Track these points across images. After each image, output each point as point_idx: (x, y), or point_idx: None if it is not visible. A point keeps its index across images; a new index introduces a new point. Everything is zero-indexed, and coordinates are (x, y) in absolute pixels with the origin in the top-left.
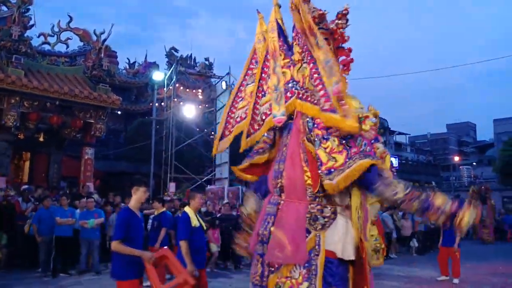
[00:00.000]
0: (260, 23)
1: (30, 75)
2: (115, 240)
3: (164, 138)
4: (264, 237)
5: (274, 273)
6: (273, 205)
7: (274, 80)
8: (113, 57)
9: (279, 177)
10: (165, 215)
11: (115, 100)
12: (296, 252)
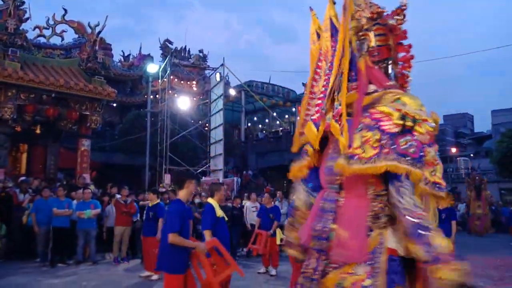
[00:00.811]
0: (313, 21)
1: (26, 67)
2: (173, 233)
3: (159, 130)
4: (324, 233)
5: (337, 270)
6: (329, 201)
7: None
8: (108, 49)
9: (337, 174)
10: (160, 206)
11: (110, 92)
12: (359, 251)
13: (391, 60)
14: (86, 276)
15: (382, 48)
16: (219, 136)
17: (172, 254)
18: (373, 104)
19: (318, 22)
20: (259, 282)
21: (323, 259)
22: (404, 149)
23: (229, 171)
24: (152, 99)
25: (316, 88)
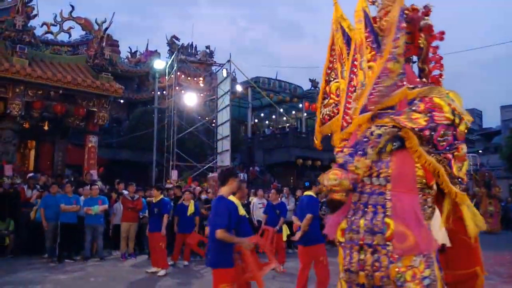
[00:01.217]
0: (335, 9)
1: (34, 64)
2: (221, 229)
3: (166, 126)
4: (375, 227)
5: (395, 263)
6: (369, 194)
7: (361, 76)
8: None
9: (381, 167)
10: (164, 202)
11: (117, 88)
12: (421, 242)
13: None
14: (94, 272)
15: (410, 46)
16: (226, 132)
17: (220, 249)
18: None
19: (340, 11)
20: (266, 278)
21: (371, 251)
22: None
23: (235, 167)
24: (159, 96)
25: (354, 81)
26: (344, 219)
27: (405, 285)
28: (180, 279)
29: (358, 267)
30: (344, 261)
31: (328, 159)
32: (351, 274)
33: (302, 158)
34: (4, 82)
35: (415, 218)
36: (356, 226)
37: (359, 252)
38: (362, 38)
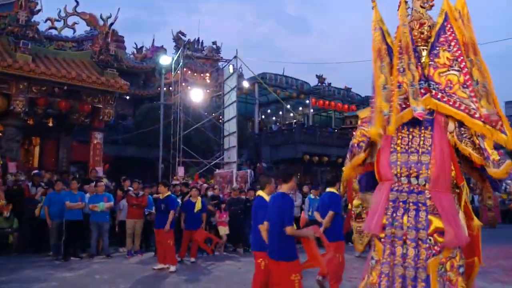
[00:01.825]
0: (375, 12)
1: (37, 60)
2: (290, 226)
3: (172, 123)
4: (419, 223)
5: (436, 256)
6: (408, 193)
7: (410, 76)
8: (120, 41)
9: (421, 168)
10: (171, 198)
11: (123, 85)
12: (460, 236)
13: None
14: (100, 269)
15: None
16: (233, 128)
17: (290, 243)
18: None
19: (379, 15)
20: None
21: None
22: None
23: (242, 163)
24: (165, 92)
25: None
26: (383, 216)
27: (446, 274)
28: (187, 276)
29: (401, 260)
30: (384, 254)
31: (336, 155)
32: (393, 267)
33: (309, 154)
34: (7, 78)
35: (453, 216)
36: (399, 223)
37: (402, 247)
38: (408, 42)
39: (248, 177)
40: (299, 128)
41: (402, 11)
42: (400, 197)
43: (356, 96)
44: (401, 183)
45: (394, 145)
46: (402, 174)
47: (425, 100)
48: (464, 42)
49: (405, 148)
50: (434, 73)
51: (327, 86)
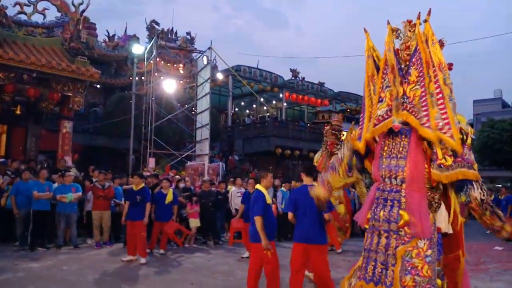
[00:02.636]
0: (367, 40)
1: (5, 45)
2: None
3: (144, 113)
4: (391, 217)
5: (405, 244)
6: (389, 192)
7: (394, 91)
8: (92, 29)
9: (398, 171)
10: (147, 190)
11: (93, 73)
12: (426, 229)
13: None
14: (67, 260)
15: None
16: (206, 120)
17: (324, 229)
18: None
19: (371, 42)
20: (242, 267)
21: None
22: (467, 159)
23: (214, 156)
24: (137, 81)
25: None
26: (369, 212)
27: (411, 260)
28: (157, 268)
29: (375, 247)
30: (365, 243)
31: (307, 149)
32: (370, 252)
33: (281, 148)
34: None
35: (420, 211)
36: (377, 216)
37: (378, 236)
38: (393, 63)
39: (220, 170)
40: (272, 122)
41: (389, 38)
42: (382, 195)
43: (329, 91)
44: (385, 183)
45: (382, 151)
46: (385, 176)
47: (402, 113)
48: (426, 61)
49: (389, 154)
50: (406, 89)
51: (300, 81)
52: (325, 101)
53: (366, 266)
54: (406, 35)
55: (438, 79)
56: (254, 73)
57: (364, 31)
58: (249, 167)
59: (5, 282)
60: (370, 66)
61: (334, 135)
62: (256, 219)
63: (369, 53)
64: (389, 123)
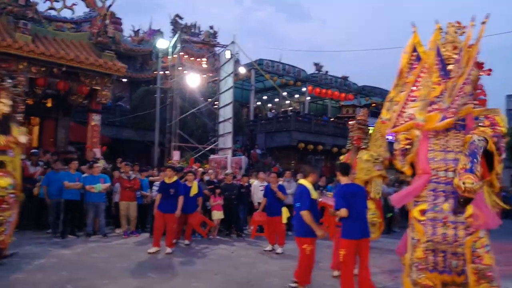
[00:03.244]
0: (414, 36)
1: (37, 40)
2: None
3: (168, 107)
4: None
5: (470, 236)
6: (445, 184)
7: (424, 91)
8: (118, 24)
9: (457, 164)
10: (180, 183)
11: (120, 67)
12: (490, 220)
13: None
14: (96, 248)
15: None
16: (228, 114)
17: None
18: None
19: (418, 38)
20: (265, 260)
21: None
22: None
23: (237, 149)
24: (161, 75)
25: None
26: (421, 204)
27: (477, 250)
28: (182, 258)
29: (442, 238)
30: (426, 234)
31: (331, 144)
32: (436, 244)
33: (304, 142)
34: (7, 58)
35: (483, 203)
36: (439, 208)
37: (443, 228)
38: (432, 63)
39: (243, 163)
40: (295, 116)
41: (435, 38)
42: (438, 187)
43: (353, 85)
44: (438, 176)
45: (433, 145)
46: (440, 169)
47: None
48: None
49: (443, 148)
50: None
51: (324, 74)
52: (349, 95)
53: (434, 258)
54: (452, 35)
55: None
56: (277, 67)
57: (413, 26)
58: (271, 162)
59: (40, 267)
60: (404, 61)
61: (360, 130)
62: (303, 214)
63: (408, 49)
64: (411, 124)
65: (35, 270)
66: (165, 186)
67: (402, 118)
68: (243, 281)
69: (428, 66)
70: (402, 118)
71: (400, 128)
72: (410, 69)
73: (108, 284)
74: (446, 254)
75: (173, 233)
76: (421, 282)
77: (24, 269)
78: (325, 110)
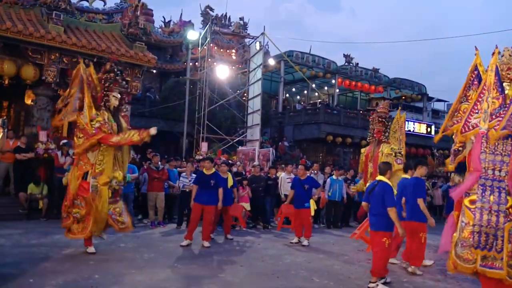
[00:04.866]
0: (477, 56)
1: (69, 31)
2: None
3: (197, 98)
4: (500, 200)
5: (510, 222)
6: (492, 180)
7: (485, 105)
8: (149, 15)
9: (503, 165)
10: (220, 175)
11: (151, 58)
12: None
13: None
14: (124, 238)
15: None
16: (257, 106)
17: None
18: None
19: (480, 58)
20: (290, 252)
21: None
22: None
23: (265, 141)
24: (191, 67)
25: (479, 106)
26: (472, 195)
27: None
28: (208, 249)
29: (487, 223)
30: (474, 219)
31: (360, 137)
32: (481, 227)
33: (332, 135)
34: (40, 49)
35: None
36: (486, 199)
37: (488, 214)
38: (491, 82)
39: (270, 156)
40: (324, 108)
41: (494, 61)
42: (486, 183)
43: (383, 78)
44: (487, 174)
45: (484, 147)
46: (488, 168)
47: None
48: None
49: (493, 151)
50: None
51: (354, 66)
52: (379, 87)
53: (478, 238)
54: (507, 58)
55: None
56: (307, 59)
57: (475, 49)
58: (299, 154)
59: (69, 256)
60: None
61: (381, 123)
62: (391, 210)
63: (473, 68)
64: (476, 131)
65: (63, 259)
66: (205, 177)
67: (467, 126)
68: (269, 273)
69: (488, 84)
70: (467, 126)
71: (468, 134)
72: (472, 84)
73: (135, 274)
74: (488, 236)
75: (210, 225)
76: (463, 256)
77: (53, 257)
78: (355, 102)
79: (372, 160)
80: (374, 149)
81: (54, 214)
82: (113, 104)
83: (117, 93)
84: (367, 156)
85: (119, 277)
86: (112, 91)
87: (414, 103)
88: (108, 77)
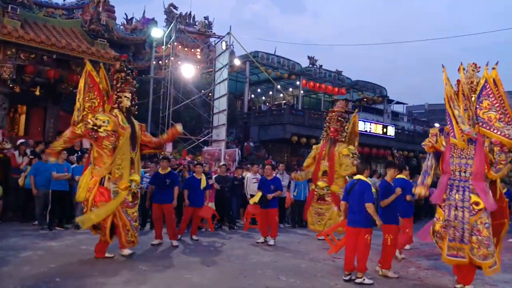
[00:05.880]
0: (444, 73)
1: (26, 26)
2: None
3: (161, 97)
4: (464, 198)
5: (473, 216)
6: (459, 181)
7: (471, 113)
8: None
9: (467, 167)
10: (175, 174)
11: (113, 56)
12: (487, 206)
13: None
14: (86, 240)
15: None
16: (223, 106)
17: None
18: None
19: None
20: (257, 251)
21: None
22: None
23: (230, 141)
24: (155, 65)
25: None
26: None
27: (477, 226)
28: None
29: (454, 218)
30: (444, 215)
31: None
32: (448, 222)
33: (297, 136)
34: None
35: (485, 194)
36: (453, 198)
37: (454, 210)
38: (468, 93)
39: (236, 156)
40: (289, 109)
41: (463, 75)
42: (454, 183)
43: (346, 80)
44: (455, 175)
45: (452, 152)
46: (455, 170)
47: (475, 128)
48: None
49: (459, 155)
50: (479, 112)
51: (318, 68)
52: (342, 89)
53: (448, 231)
54: (470, 72)
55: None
56: (272, 60)
57: (442, 66)
58: (264, 154)
59: (27, 260)
60: (448, 90)
61: (339, 122)
62: (368, 206)
63: (447, 82)
64: (469, 135)
65: (21, 263)
66: (160, 177)
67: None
68: (236, 273)
69: (467, 95)
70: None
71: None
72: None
73: (98, 276)
74: (456, 229)
75: (173, 224)
76: (439, 245)
77: (10, 262)
78: (319, 104)
79: (327, 158)
80: (329, 147)
81: (10, 216)
82: (125, 105)
83: (128, 93)
84: (320, 154)
85: (81, 279)
86: (124, 92)
87: (376, 105)
88: (119, 76)
